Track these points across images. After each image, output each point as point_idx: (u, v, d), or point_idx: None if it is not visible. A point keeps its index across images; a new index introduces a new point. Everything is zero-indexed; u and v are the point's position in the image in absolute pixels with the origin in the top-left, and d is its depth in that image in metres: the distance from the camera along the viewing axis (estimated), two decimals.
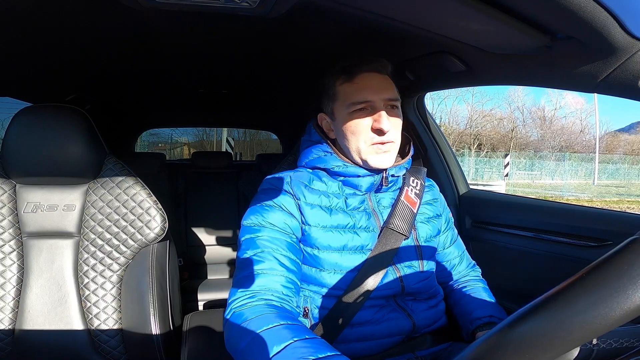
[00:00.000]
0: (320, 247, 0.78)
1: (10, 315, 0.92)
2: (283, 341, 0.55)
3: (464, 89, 17.85)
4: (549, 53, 0.66)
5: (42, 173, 0.93)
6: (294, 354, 0.53)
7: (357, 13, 0.68)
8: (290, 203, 0.78)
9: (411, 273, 0.81)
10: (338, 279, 0.77)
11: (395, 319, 0.79)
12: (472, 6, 0.56)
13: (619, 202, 11.47)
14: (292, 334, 0.57)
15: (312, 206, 0.79)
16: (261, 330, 0.59)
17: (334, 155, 0.82)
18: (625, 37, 0.52)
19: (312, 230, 0.77)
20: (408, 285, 0.80)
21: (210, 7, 0.68)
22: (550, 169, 19.82)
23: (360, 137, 0.79)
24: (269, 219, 0.76)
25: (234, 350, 0.63)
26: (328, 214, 0.79)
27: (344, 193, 0.82)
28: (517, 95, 25.44)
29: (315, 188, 0.81)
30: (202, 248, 2.12)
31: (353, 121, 0.79)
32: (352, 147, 0.80)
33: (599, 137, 21.42)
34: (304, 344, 0.55)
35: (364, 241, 0.79)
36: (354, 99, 0.78)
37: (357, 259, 0.78)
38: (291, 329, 0.59)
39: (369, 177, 0.81)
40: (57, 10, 0.78)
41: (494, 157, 19.23)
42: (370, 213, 0.82)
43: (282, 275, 0.71)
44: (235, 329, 0.63)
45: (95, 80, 1.45)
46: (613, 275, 0.28)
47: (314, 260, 0.78)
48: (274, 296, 0.68)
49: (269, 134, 9.42)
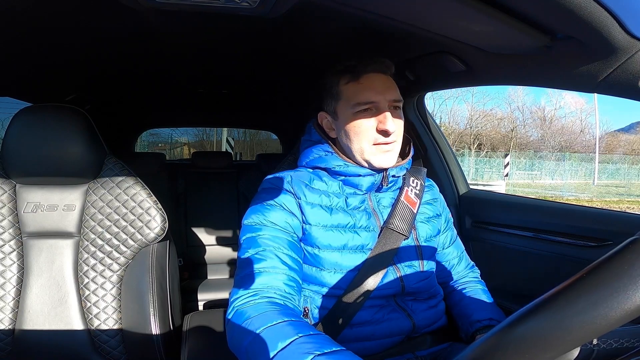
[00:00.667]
0: (320, 247, 0.78)
1: (10, 315, 0.92)
2: (287, 337, 0.55)
3: (464, 88, 17.85)
4: (549, 53, 0.66)
5: (42, 173, 0.93)
6: (298, 350, 0.53)
7: (357, 13, 0.68)
8: (291, 202, 0.79)
9: (411, 273, 0.81)
10: (338, 278, 0.78)
11: (395, 319, 0.79)
12: (472, 6, 0.56)
13: (619, 202, 11.47)
14: (297, 330, 0.57)
15: (313, 205, 0.79)
16: (265, 327, 0.59)
17: (334, 155, 0.82)
18: (625, 37, 0.52)
19: (313, 230, 0.78)
20: (408, 285, 0.80)
21: (210, 7, 0.68)
22: (550, 169, 19.82)
23: (364, 138, 0.78)
24: (270, 217, 0.76)
25: (238, 348, 0.63)
26: (328, 213, 0.79)
27: (345, 192, 0.82)
28: (517, 95, 25.45)
29: (316, 187, 0.81)
30: (202, 248, 2.12)
31: (357, 121, 0.79)
32: (354, 147, 0.80)
33: (599, 137, 21.41)
34: (309, 340, 0.55)
35: (364, 241, 0.79)
36: (359, 99, 0.78)
37: (358, 258, 0.78)
38: (295, 325, 0.59)
39: (370, 177, 0.81)
40: (57, 10, 0.78)
41: (494, 157, 19.23)
42: (371, 213, 0.82)
43: (284, 273, 0.71)
44: (238, 327, 0.63)
45: (95, 80, 1.45)
46: (613, 275, 0.28)
47: (314, 260, 0.78)
48: (277, 294, 0.68)
49: (269, 134, 9.41)
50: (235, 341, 0.64)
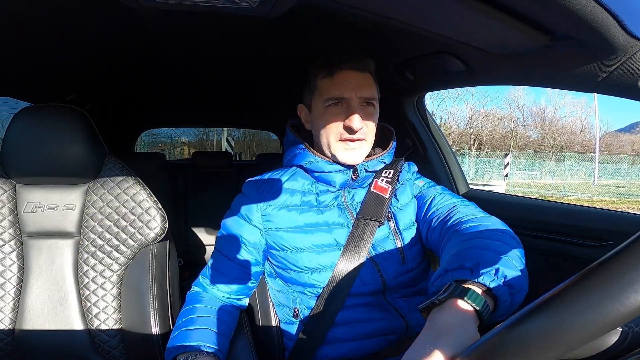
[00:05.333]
0: (291, 249, 0.80)
1: (10, 315, 0.92)
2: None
3: (464, 88, 17.85)
4: (549, 53, 0.66)
5: (42, 173, 0.93)
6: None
7: (357, 13, 0.68)
8: (254, 213, 0.83)
9: (391, 266, 0.80)
10: (317, 278, 0.79)
11: (385, 318, 0.78)
12: (473, 6, 0.56)
13: (619, 202, 11.45)
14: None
15: (280, 208, 0.82)
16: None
17: (306, 151, 0.84)
18: (625, 37, 0.52)
19: (281, 234, 0.80)
20: (388, 279, 0.79)
21: (211, 7, 0.68)
22: (551, 169, 19.81)
23: (331, 132, 0.81)
24: (234, 229, 0.85)
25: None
26: (297, 212, 0.81)
27: (317, 190, 0.84)
28: (517, 95, 25.43)
29: (288, 187, 0.84)
30: (202, 248, 2.12)
31: (327, 115, 0.81)
32: (323, 141, 0.83)
33: (599, 137, 21.37)
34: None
35: (337, 237, 0.80)
36: (331, 94, 0.80)
37: (333, 256, 0.79)
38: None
39: (341, 173, 0.83)
40: (58, 10, 0.78)
41: (494, 157, 19.22)
42: (345, 209, 0.83)
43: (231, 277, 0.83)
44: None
45: (95, 81, 1.45)
46: (624, 270, 0.27)
47: (289, 262, 0.80)
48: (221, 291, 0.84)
49: (269, 134, 9.40)
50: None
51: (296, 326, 0.81)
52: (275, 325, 0.85)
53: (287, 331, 0.83)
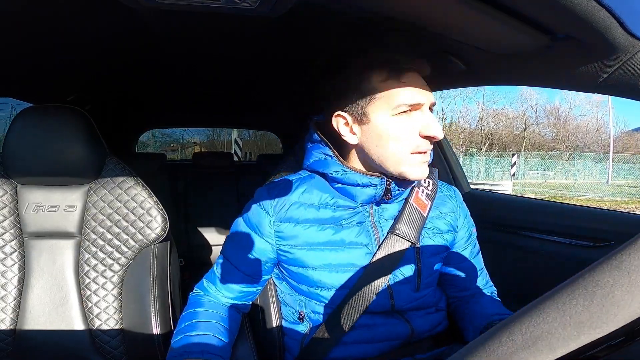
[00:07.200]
0: (304, 266, 0.75)
1: (11, 315, 0.93)
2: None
3: (475, 87, 17.79)
4: (549, 53, 0.66)
5: (43, 173, 0.93)
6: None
7: (358, 13, 0.68)
8: (266, 227, 0.77)
9: (404, 292, 0.77)
10: (327, 294, 0.75)
11: (392, 324, 0.77)
12: (473, 6, 0.56)
13: (630, 202, 11.32)
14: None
15: (295, 224, 0.75)
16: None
17: (334, 159, 0.74)
18: (626, 37, 0.51)
19: (295, 251, 0.75)
20: (399, 305, 0.76)
21: (211, 7, 0.68)
22: (564, 169, 19.64)
23: (405, 144, 0.68)
24: (244, 239, 0.79)
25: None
26: (313, 230, 0.74)
27: (336, 204, 0.75)
28: (530, 94, 25.14)
29: (304, 201, 0.76)
30: (203, 248, 2.12)
31: (398, 124, 0.68)
32: (388, 155, 0.70)
33: (613, 136, 21.17)
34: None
35: (355, 258, 0.74)
36: (403, 100, 0.68)
37: (347, 276, 0.74)
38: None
39: (370, 189, 0.73)
40: (58, 10, 0.78)
41: (505, 157, 19.08)
42: (369, 227, 0.76)
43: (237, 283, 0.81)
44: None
45: (95, 81, 1.45)
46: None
47: (301, 277, 0.77)
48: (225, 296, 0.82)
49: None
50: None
51: (300, 328, 0.81)
52: (277, 325, 0.85)
53: (290, 331, 0.83)
